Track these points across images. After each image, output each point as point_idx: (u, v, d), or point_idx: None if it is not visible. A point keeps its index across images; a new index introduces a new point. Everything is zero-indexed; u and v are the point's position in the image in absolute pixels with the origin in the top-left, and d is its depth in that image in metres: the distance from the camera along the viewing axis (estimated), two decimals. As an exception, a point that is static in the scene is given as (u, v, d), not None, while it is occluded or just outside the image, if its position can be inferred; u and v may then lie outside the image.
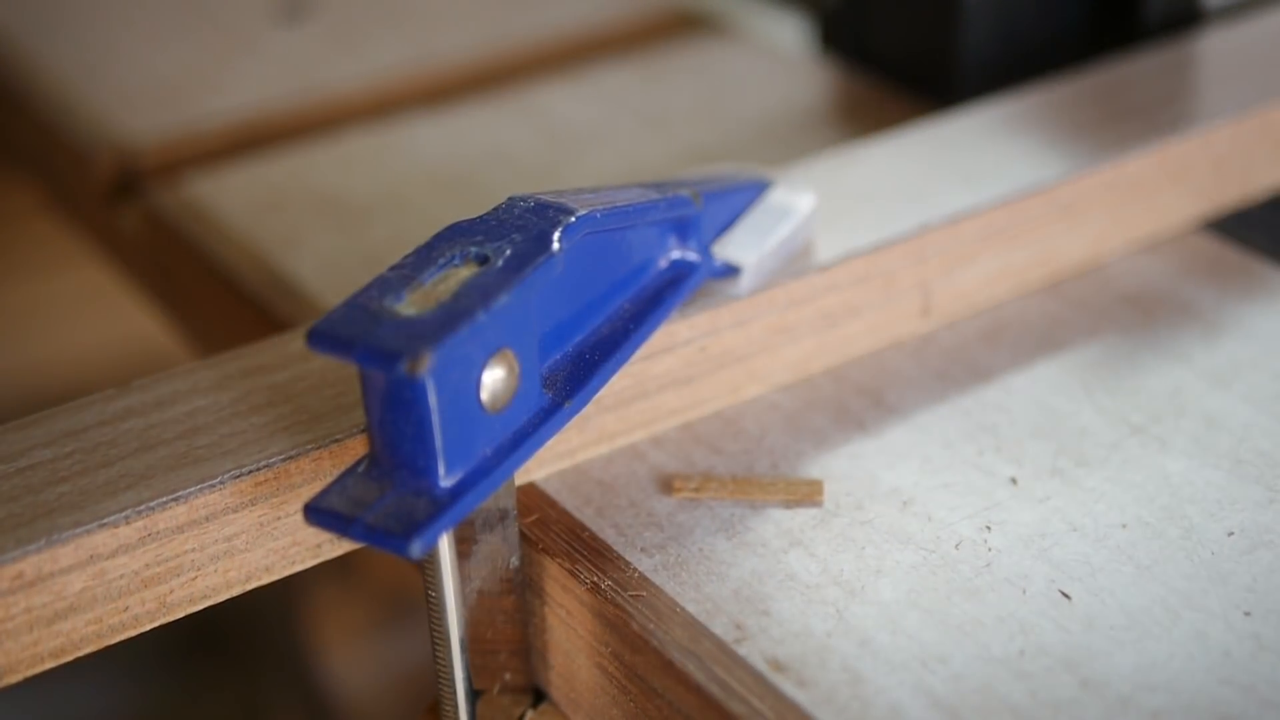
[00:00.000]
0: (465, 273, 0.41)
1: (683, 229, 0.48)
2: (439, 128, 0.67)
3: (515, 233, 0.42)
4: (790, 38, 0.74)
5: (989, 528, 0.45)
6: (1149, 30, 0.65)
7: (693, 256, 0.48)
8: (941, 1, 0.64)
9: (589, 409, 0.47)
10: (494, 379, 0.41)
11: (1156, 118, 0.57)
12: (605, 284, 0.46)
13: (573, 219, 0.43)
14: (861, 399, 0.50)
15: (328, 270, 0.58)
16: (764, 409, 0.49)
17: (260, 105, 0.69)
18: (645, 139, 0.65)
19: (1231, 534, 0.44)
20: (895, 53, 0.67)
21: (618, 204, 0.44)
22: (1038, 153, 0.55)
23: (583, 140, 0.65)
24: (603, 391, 0.46)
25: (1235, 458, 0.47)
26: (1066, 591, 0.42)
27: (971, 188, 0.53)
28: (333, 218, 0.61)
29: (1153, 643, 0.41)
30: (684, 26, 0.76)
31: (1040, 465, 0.47)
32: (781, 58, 0.71)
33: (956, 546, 0.44)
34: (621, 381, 0.47)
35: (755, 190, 0.51)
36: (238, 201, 0.63)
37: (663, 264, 0.48)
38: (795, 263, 0.50)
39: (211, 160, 0.66)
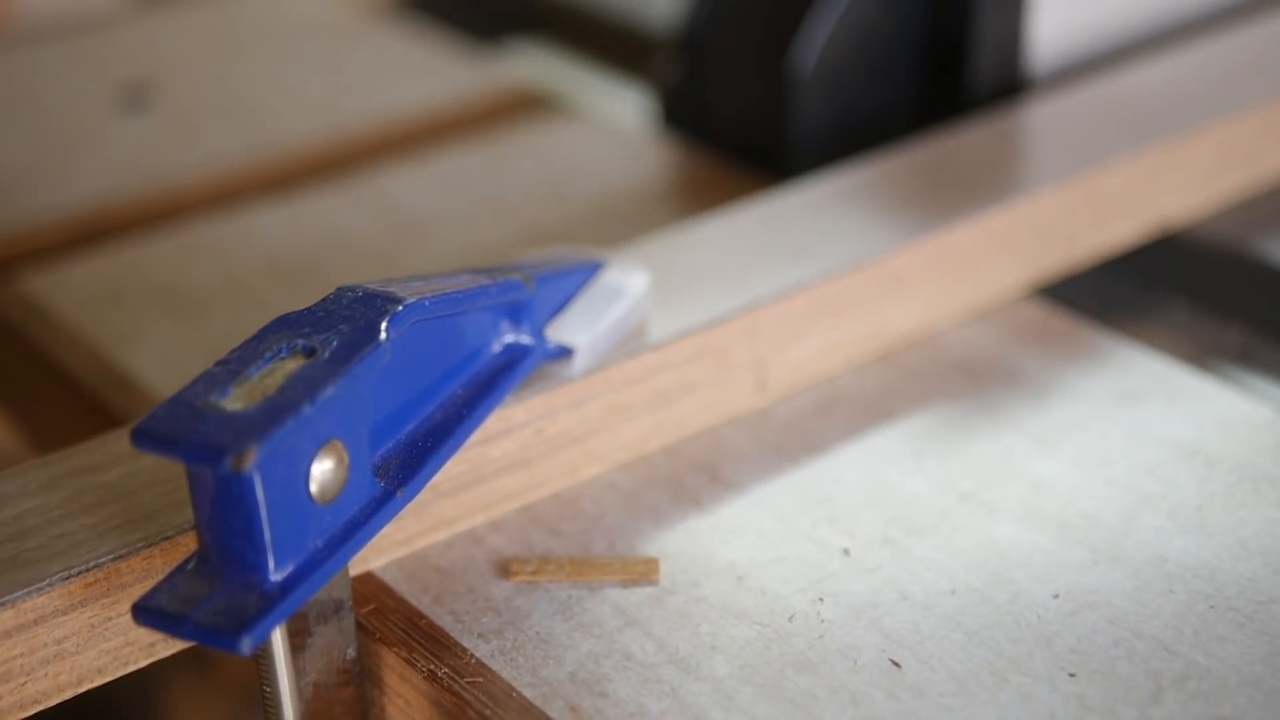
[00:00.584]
0: (292, 365, 0.41)
1: (515, 313, 0.48)
2: (280, 216, 0.67)
3: (343, 323, 0.42)
4: (631, 116, 0.75)
5: (822, 599, 0.45)
6: (976, 101, 0.66)
7: (526, 340, 0.48)
8: (775, 77, 0.65)
9: (426, 495, 0.47)
10: (323, 471, 0.41)
11: (983, 187, 0.59)
12: (438, 370, 0.46)
13: (400, 308, 0.43)
14: (698, 475, 0.50)
15: (166, 364, 0.58)
16: (602, 488, 0.50)
17: (100, 198, 0.69)
18: (486, 221, 0.65)
19: (1057, 596, 0.45)
20: (732, 129, 0.68)
21: (447, 291, 0.45)
22: (868, 225, 0.57)
23: (423, 224, 0.66)
24: (439, 477, 0.47)
25: (1061, 521, 0.48)
26: (897, 660, 0.43)
27: (802, 262, 0.54)
28: (172, 310, 0.61)
29: (980, 708, 0.41)
30: (526, 107, 0.77)
31: (872, 535, 0.47)
32: (623, 136, 0.72)
33: (790, 619, 0.44)
34: (458, 467, 0.48)
35: (588, 272, 0.52)
36: (76, 297, 0.62)
37: (496, 348, 0.48)
38: (629, 342, 0.51)
39: (49, 255, 0.66)
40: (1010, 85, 0.67)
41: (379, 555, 0.47)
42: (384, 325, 0.42)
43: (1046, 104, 0.65)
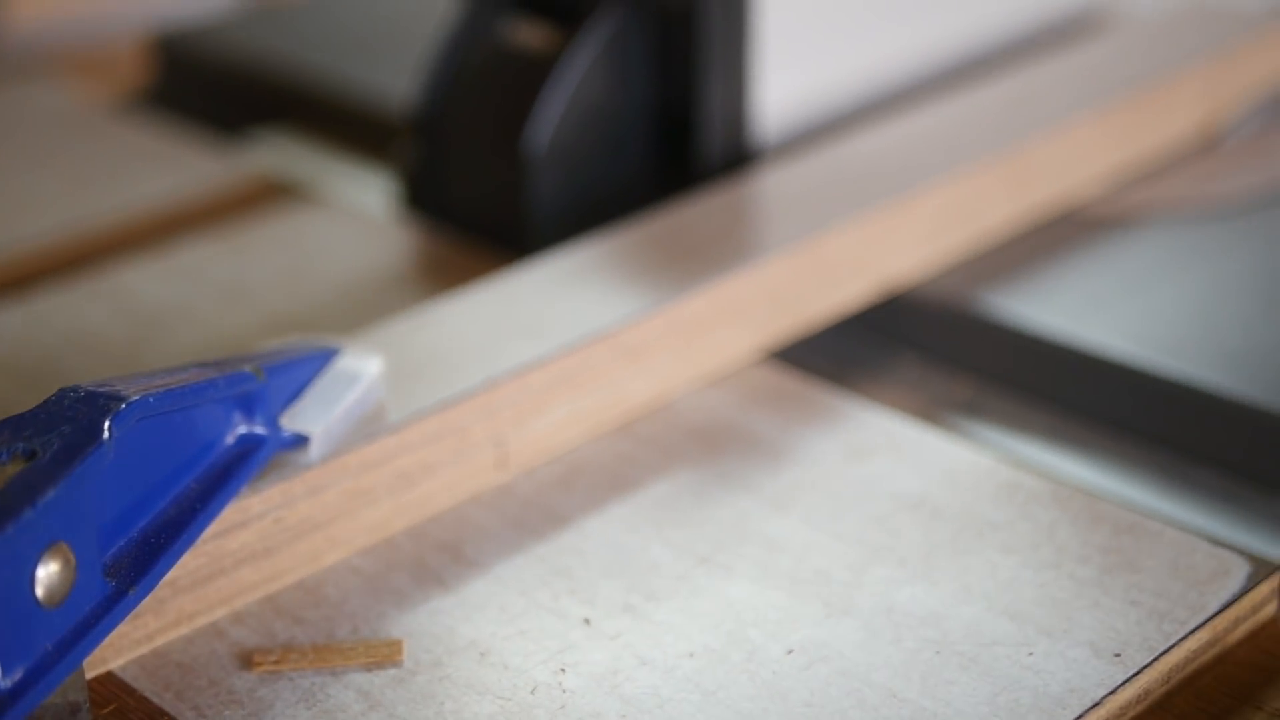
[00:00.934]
0: (12, 469, 0.41)
1: (247, 404, 0.48)
2: (17, 316, 0.66)
3: (65, 424, 0.42)
4: (376, 200, 0.76)
5: (564, 670, 0.46)
6: (707, 172, 0.68)
7: (260, 430, 0.48)
8: (510, 157, 0.66)
9: (165, 591, 0.47)
10: (49, 574, 0.40)
11: (714, 257, 0.60)
12: (169, 466, 0.46)
13: (122, 406, 0.43)
14: (441, 555, 0.51)
15: (-101, 472, 0.57)
16: (345, 574, 0.50)
17: None
18: (229, 312, 0.65)
19: (791, 652, 0.46)
20: (473, 209, 0.69)
21: (172, 386, 0.45)
22: (603, 299, 0.58)
23: (166, 319, 0.65)
24: (176, 572, 0.47)
25: (794, 578, 0.49)
26: (636, 725, 0.44)
27: (539, 338, 0.55)
28: (-94, 417, 0.60)
29: (717, 766, 0.42)
30: (271, 195, 0.77)
31: (612, 603, 0.48)
32: (366, 221, 0.73)
33: (532, 692, 0.45)
34: (196, 560, 0.47)
35: (323, 358, 0.52)
36: None
37: (229, 440, 0.48)
38: (367, 426, 0.51)
39: None
40: (740, 155, 0.69)
41: (118, 654, 0.46)
42: (106, 424, 0.42)
43: (775, 172, 0.67)
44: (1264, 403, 0.56)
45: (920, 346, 0.64)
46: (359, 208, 0.75)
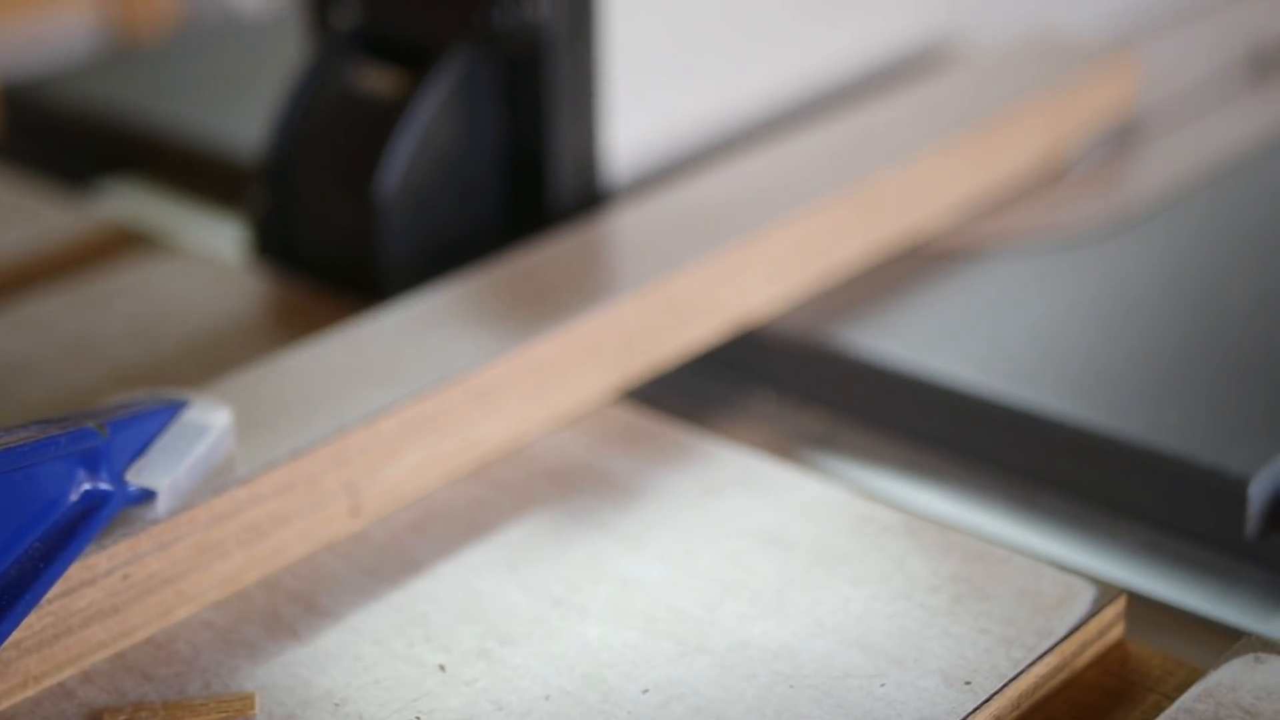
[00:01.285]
0: None
1: (91, 460, 0.48)
2: None
3: (-101, 487, 0.42)
4: (229, 248, 0.75)
5: (419, 718, 0.46)
6: (560, 214, 0.68)
7: (105, 486, 0.48)
8: (360, 203, 0.66)
9: (9, 653, 0.46)
10: (-116, 641, 0.40)
11: (566, 298, 0.61)
12: (10, 526, 0.45)
13: (-41, 467, 0.42)
14: (294, 606, 0.50)
15: None
16: (197, 628, 0.50)
17: None
18: (75, 367, 0.64)
19: (646, 691, 0.46)
20: (325, 256, 0.69)
21: (10, 445, 0.44)
22: (455, 343, 0.58)
23: (13, 375, 0.64)
24: (20, 634, 0.46)
25: (649, 616, 0.49)
26: (491, 771, 0.44)
27: (390, 384, 0.55)
28: None
29: (572, 810, 0.42)
30: (123, 246, 0.76)
31: (468, 649, 0.48)
32: (217, 270, 0.72)
33: (387, 742, 0.45)
34: (41, 620, 0.47)
35: (170, 412, 0.52)
36: None
37: (74, 497, 0.47)
38: (216, 479, 0.51)
39: None
40: (592, 197, 0.70)
41: (-38, 720, 0.46)
42: (-58, 485, 0.41)
43: (626, 213, 0.67)
44: (1108, 428, 0.57)
45: (774, 382, 0.65)
46: (212, 256, 0.74)
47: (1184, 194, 0.74)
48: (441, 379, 0.55)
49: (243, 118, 0.82)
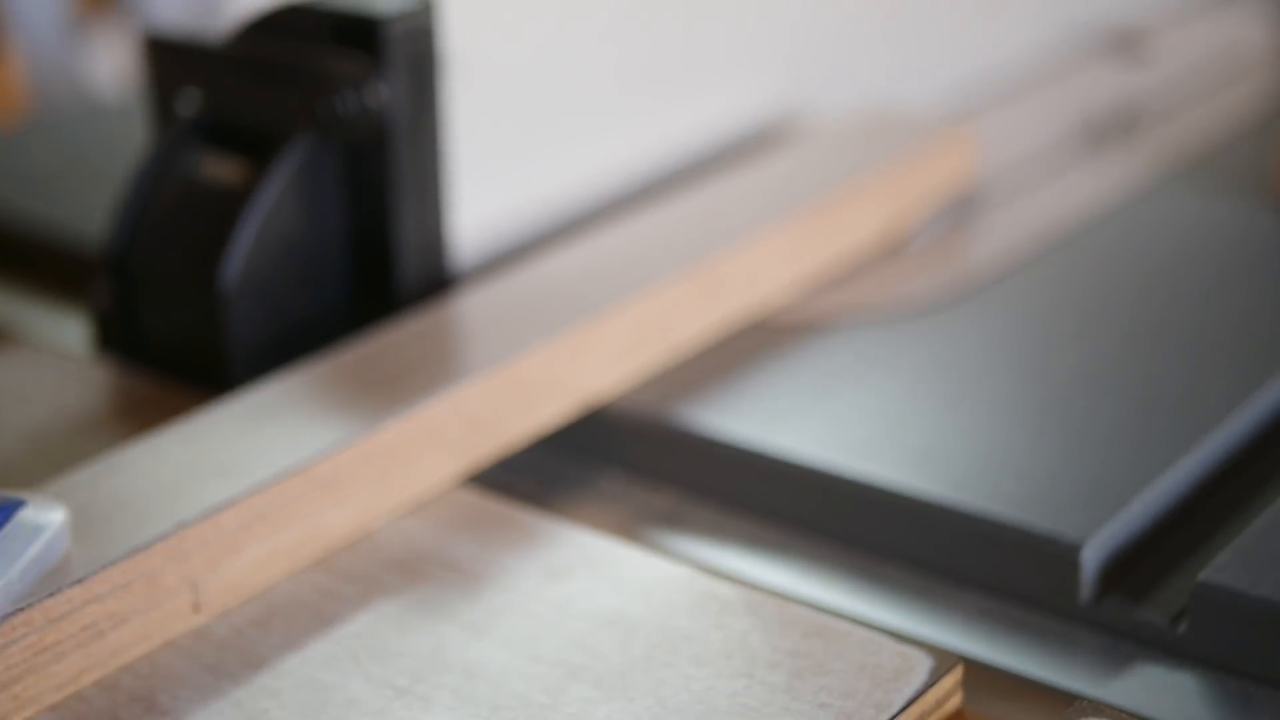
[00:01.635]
0: None
1: (-79, 565, 0.47)
2: None
3: None
4: (73, 341, 0.75)
5: (259, 817, 0.45)
6: (406, 300, 0.69)
7: (-64, 591, 0.47)
8: (203, 293, 0.66)
9: None
10: None
11: (411, 384, 0.61)
12: None
13: None
14: (134, 706, 0.50)
15: None
16: (33, 733, 0.49)
17: None
18: (-86, 466, 0.64)
19: (488, 780, 0.46)
20: (169, 348, 0.69)
21: None
22: (298, 433, 0.58)
23: None
24: None
25: (493, 704, 0.49)
26: None
27: (232, 477, 0.55)
28: None
29: None
30: (-36, 340, 0.75)
31: (309, 744, 0.48)
32: (61, 363, 0.71)
33: (226, 842, 0.44)
34: None
35: (4, 513, 0.51)
36: None
37: (-97, 604, 0.47)
38: (51, 580, 0.50)
39: None
40: (438, 281, 0.70)
41: None
42: None
43: (472, 296, 0.68)
44: (945, 498, 0.58)
45: (621, 461, 0.65)
46: (54, 350, 0.73)
47: (1020, 265, 0.76)
48: (284, 470, 0.55)
49: (90, 206, 0.82)
